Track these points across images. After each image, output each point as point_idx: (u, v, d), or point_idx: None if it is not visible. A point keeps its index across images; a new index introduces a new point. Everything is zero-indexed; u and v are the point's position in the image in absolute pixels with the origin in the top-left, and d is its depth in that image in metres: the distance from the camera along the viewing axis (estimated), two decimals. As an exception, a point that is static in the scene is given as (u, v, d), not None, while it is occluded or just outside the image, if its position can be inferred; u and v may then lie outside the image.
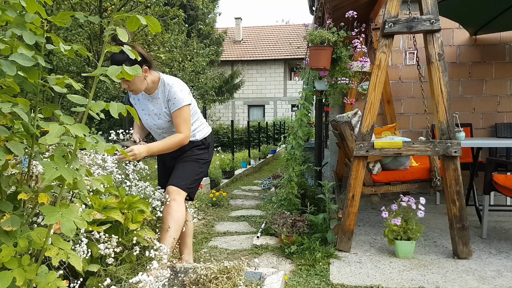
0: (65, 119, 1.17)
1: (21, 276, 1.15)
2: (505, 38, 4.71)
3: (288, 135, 3.74)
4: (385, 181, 3.00)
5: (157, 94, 2.26)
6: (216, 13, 16.33)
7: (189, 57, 9.97)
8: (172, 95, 2.20)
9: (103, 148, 1.20)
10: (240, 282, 1.81)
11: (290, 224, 2.96)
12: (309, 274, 2.47)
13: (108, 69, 1.19)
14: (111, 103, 1.24)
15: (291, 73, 22.95)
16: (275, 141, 16.46)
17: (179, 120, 2.21)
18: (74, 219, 1.16)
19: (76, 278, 1.57)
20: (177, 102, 2.19)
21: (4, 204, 1.25)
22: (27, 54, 1.12)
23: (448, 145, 2.64)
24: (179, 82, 2.28)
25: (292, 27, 26.12)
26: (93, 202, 1.79)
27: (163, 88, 2.24)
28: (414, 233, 2.65)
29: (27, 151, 1.32)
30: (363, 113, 2.78)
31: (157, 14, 8.11)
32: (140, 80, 2.16)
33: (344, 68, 3.31)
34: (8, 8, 1.15)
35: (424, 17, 2.63)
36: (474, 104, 4.77)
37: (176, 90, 2.21)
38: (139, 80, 2.15)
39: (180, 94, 2.21)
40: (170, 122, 2.28)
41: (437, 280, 2.31)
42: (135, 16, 1.23)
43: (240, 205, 4.93)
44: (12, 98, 1.24)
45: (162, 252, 1.86)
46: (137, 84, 2.16)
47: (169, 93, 2.21)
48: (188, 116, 2.23)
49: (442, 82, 2.63)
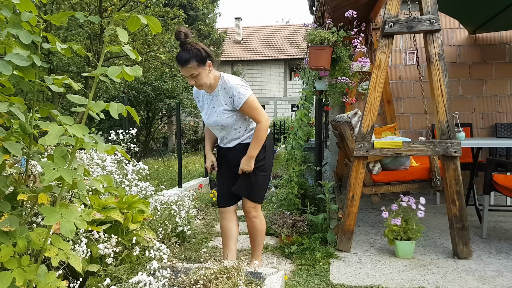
0: (64, 119, 1.16)
1: (20, 276, 1.15)
2: (505, 38, 4.71)
3: (288, 135, 3.74)
4: (385, 181, 2.99)
5: (217, 92, 2.28)
6: (216, 13, 16.33)
7: (189, 57, 9.96)
8: (235, 91, 2.21)
9: (102, 149, 1.19)
10: (240, 282, 1.81)
11: (290, 224, 2.96)
12: (309, 274, 2.47)
13: (108, 69, 1.19)
14: (111, 103, 1.24)
15: (291, 73, 22.94)
16: (275, 141, 16.45)
17: (251, 111, 2.25)
18: (73, 219, 1.16)
19: (76, 278, 1.57)
20: (242, 95, 2.21)
21: (2, 204, 1.25)
22: (22, 53, 1.12)
23: (448, 145, 2.63)
24: (237, 79, 2.30)
25: (292, 27, 26.11)
26: (92, 202, 1.79)
27: (224, 85, 2.26)
28: (414, 233, 2.65)
29: (25, 151, 1.31)
30: (363, 113, 2.78)
31: (157, 14, 8.11)
32: (206, 75, 2.20)
33: (344, 68, 3.31)
34: (2, 7, 1.14)
35: (424, 17, 2.63)
36: (474, 104, 4.77)
37: (236, 86, 2.22)
38: (205, 74, 2.19)
39: (242, 88, 2.22)
40: (229, 119, 2.28)
41: (437, 280, 2.31)
42: (135, 16, 1.23)
43: (240, 205, 4.93)
44: (8, 97, 1.24)
45: (162, 252, 1.86)
46: (204, 78, 2.20)
47: (231, 89, 2.23)
48: (256, 105, 2.25)
49: (442, 82, 2.63)
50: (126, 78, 1.22)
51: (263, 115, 2.27)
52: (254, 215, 2.40)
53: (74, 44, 1.25)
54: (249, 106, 2.24)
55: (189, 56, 2.11)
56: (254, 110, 2.25)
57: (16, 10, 1.23)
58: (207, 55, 2.18)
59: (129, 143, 3.03)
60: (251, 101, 2.23)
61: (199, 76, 2.18)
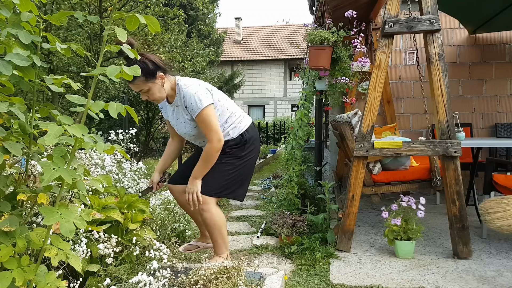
0: (64, 119, 1.16)
1: (20, 277, 1.14)
2: (505, 38, 4.71)
3: (288, 135, 3.74)
4: (385, 181, 2.99)
5: (177, 102, 2.14)
6: (216, 13, 16.33)
7: (189, 57, 9.97)
8: (188, 101, 2.05)
9: (102, 149, 1.19)
10: (240, 282, 1.81)
11: (290, 224, 2.96)
12: (309, 274, 2.47)
13: (107, 69, 1.19)
14: (110, 103, 1.24)
15: (291, 73, 22.95)
16: (275, 141, 16.45)
17: (202, 126, 2.06)
18: (73, 219, 1.16)
19: (75, 278, 1.57)
20: (194, 107, 2.03)
21: (2, 204, 1.25)
22: (22, 53, 1.12)
23: (448, 145, 2.63)
24: (193, 84, 2.09)
25: (292, 27, 26.12)
26: (92, 201, 1.79)
27: (179, 93, 2.11)
28: (414, 233, 2.65)
29: (24, 151, 1.31)
30: (363, 113, 2.78)
31: (157, 14, 8.11)
32: (158, 89, 2.05)
33: (344, 68, 3.31)
34: (2, 7, 1.14)
35: (424, 17, 2.63)
36: (474, 104, 4.77)
37: (190, 94, 2.04)
38: (157, 89, 2.04)
39: (195, 97, 2.02)
40: (197, 128, 2.15)
41: (437, 280, 2.31)
42: (134, 15, 1.23)
43: (240, 205, 4.93)
44: (8, 97, 1.24)
45: (162, 252, 1.86)
46: (156, 93, 2.05)
47: (184, 99, 2.07)
48: (210, 119, 2.04)
49: (442, 82, 2.63)
50: (125, 77, 1.22)
51: (216, 134, 2.05)
52: (202, 207, 2.17)
53: (74, 44, 1.25)
54: (202, 120, 2.04)
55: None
56: (207, 126, 2.04)
57: (16, 10, 1.23)
58: (156, 68, 2.01)
59: (128, 143, 3.03)
60: (205, 114, 2.02)
61: (150, 91, 2.03)
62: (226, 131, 2.20)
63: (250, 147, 2.26)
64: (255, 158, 2.33)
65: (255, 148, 2.31)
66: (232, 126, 2.22)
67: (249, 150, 2.26)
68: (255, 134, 2.33)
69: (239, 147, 2.22)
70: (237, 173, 2.22)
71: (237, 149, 2.22)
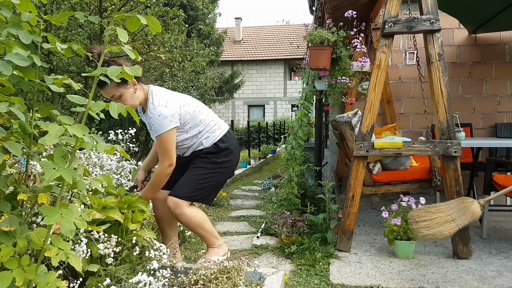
0: (64, 119, 1.17)
1: (20, 276, 1.15)
2: (505, 38, 4.71)
3: (288, 135, 3.74)
4: (385, 181, 2.99)
5: (148, 113, 2.12)
6: (216, 13, 16.32)
7: (189, 57, 9.97)
8: (152, 121, 2.05)
9: (102, 148, 1.19)
10: (240, 282, 1.81)
11: (290, 224, 2.96)
12: (309, 274, 2.47)
13: (108, 69, 1.19)
14: (111, 103, 1.24)
15: (291, 73, 22.94)
16: (275, 141, 16.46)
17: (158, 147, 2.07)
18: (73, 219, 1.16)
19: (76, 278, 1.57)
20: (155, 128, 2.04)
21: (2, 204, 1.25)
22: (22, 53, 1.12)
23: (448, 145, 2.63)
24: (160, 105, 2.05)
25: (292, 27, 26.11)
26: (92, 201, 1.79)
27: (149, 106, 2.09)
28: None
29: (25, 150, 1.31)
30: (363, 113, 2.78)
31: (157, 14, 8.11)
32: (131, 95, 2.06)
33: (344, 68, 3.31)
34: (2, 7, 1.14)
35: (424, 17, 2.63)
36: (474, 104, 4.77)
37: (155, 115, 2.03)
38: (129, 95, 2.05)
39: (158, 120, 2.02)
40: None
41: (437, 280, 2.31)
42: (135, 16, 1.23)
43: (240, 205, 4.93)
44: (8, 97, 1.24)
45: (162, 252, 1.86)
46: (128, 99, 2.05)
47: (151, 115, 2.05)
48: (167, 145, 2.05)
49: (442, 82, 2.63)
50: (126, 78, 1.22)
51: (168, 160, 2.05)
52: (176, 213, 2.18)
53: (74, 44, 1.25)
54: (159, 143, 2.06)
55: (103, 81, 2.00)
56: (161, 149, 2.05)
57: (16, 10, 1.23)
58: None
59: (128, 143, 3.03)
60: (163, 139, 2.03)
61: (122, 97, 2.03)
62: (199, 141, 2.21)
63: (227, 155, 2.25)
64: (231, 168, 2.32)
65: (232, 160, 2.30)
66: (205, 136, 2.22)
67: (226, 159, 2.25)
68: (233, 143, 2.30)
69: (214, 154, 2.22)
70: (211, 178, 2.21)
71: (212, 156, 2.22)
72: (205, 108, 2.31)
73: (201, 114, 2.23)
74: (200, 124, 2.21)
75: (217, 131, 2.26)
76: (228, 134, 2.30)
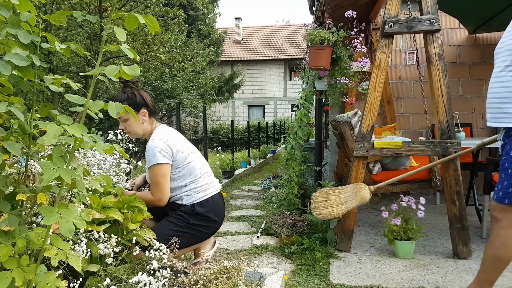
0: (63, 119, 1.16)
1: (20, 276, 1.14)
2: (505, 38, 4.70)
3: (288, 135, 3.74)
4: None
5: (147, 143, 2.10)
6: (216, 13, 16.32)
7: (189, 57, 9.98)
8: (147, 152, 2.02)
9: (101, 148, 1.19)
10: (240, 282, 1.81)
11: (290, 224, 2.96)
12: (309, 274, 2.47)
13: (106, 69, 1.19)
14: (110, 102, 1.24)
15: (291, 73, 22.94)
16: (275, 141, 16.46)
17: (150, 180, 2.04)
18: (73, 219, 1.16)
19: (75, 278, 1.56)
20: (148, 158, 2.01)
21: (1, 204, 1.24)
22: (21, 53, 1.12)
23: (448, 145, 2.63)
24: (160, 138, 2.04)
25: (292, 27, 26.12)
26: (92, 201, 1.79)
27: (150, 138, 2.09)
28: (414, 233, 2.65)
29: (24, 150, 1.31)
30: (363, 113, 2.78)
31: (157, 14, 8.11)
32: (137, 124, 2.09)
33: (344, 68, 3.30)
34: (1, 7, 1.14)
35: (424, 17, 2.63)
36: (474, 104, 4.77)
37: (150, 146, 2.02)
38: (136, 123, 2.08)
39: (152, 151, 2.00)
40: None
41: (437, 280, 2.30)
42: (133, 15, 1.23)
43: (240, 205, 4.93)
44: (7, 97, 1.23)
45: (162, 252, 1.85)
46: (133, 126, 2.09)
47: (147, 147, 2.03)
48: (158, 178, 2.00)
49: (442, 82, 2.63)
50: (124, 77, 1.22)
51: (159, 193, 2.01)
52: None
53: (73, 44, 1.25)
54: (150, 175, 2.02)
55: (121, 98, 2.05)
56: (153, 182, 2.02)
57: (15, 10, 1.23)
58: (143, 103, 2.09)
59: (128, 143, 3.02)
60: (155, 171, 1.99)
61: (128, 122, 2.08)
62: (180, 195, 2.14)
63: (202, 221, 2.12)
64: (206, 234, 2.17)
65: (209, 226, 2.16)
66: (187, 193, 2.13)
67: (200, 223, 2.12)
68: (213, 210, 2.15)
69: (189, 215, 2.11)
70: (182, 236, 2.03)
71: (187, 215, 2.11)
72: (204, 166, 2.22)
73: (195, 170, 2.14)
74: (188, 178, 2.12)
75: (201, 193, 2.14)
76: (211, 200, 2.16)
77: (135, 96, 2.09)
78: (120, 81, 2.10)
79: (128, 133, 2.14)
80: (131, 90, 2.11)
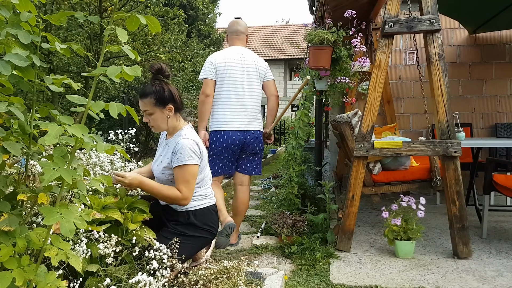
0: (64, 119, 1.16)
1: (20, 276, 1.14)
2: (505, 38, 4.71)
3: (288, 135, 3.74)
4: (385, 181, 2.99)
5: (170, 142, 2.10)
6: (216, 13, 16.33)
7: (189, 57, 9.97)
8: (179, 149, 1.99)
9: (102, 148, 1.19)
10: (240, 282, 1.81)
11: (290, 224, 2.96)
12: (309, 274, 2.47)
13: (107, 69, 1.19)
14: (111, 103, 1.24)
15: (291, 73, 22.95)
16: (275, 141, 16.45)
17: (179, 177, 1.99)
18: (73, 219, 1.16)
19: (75, 278, 1.56)
20: (181, 158, 1.97)
21: (2, 204, 1.25)
22: (22, 53, 1.12)
23: (448, 145, 2.63)
24: (193, 139, 2.04)
25: (292, 27, 26.11)
26: (92, 201, 1.79)
27: (177, 138, 2.06)
28: (414, 233, 2.65)
29: (24, 150, 1.31)
30: (363, 113, 2.78)
31: (157, 14, 8.11)
32: (162, 118, 2.05)
33: (344, 68, 3.30)
34: (1, 7, 1.14)
35: (424, 17, 2.63)
36: (474, 104, 4.77)
37: (184, 145, 1.98)
38: (161, 117, 2.04)
39: (188, 151, 1.98)
40: (163, 175, 2.08)
41: (437, 280, 2.31)
42: (135, 15, 1.23)
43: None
44: (7, 97, 1.24)
45: (162, 252, 1.85)
46: (158, 120, 2.05)
47: (176, 145, 2.00)
48: (189, 178, 1.99)
49: (442, 82, 2.63)
50: (126, 78, 1.22)
51: (188, 192, 1.98)
52: None
53: (73, 44, 1.25)
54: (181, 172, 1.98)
55: (149, 91, 1.99)
56: (183, 180, 1.98)
57: (15, 10, 1.23)
58: (171, 98, 2.03)
59: (128, 143, 3.03)
60: (187, 170, 1.97)
61: (154, 116, 2.03)
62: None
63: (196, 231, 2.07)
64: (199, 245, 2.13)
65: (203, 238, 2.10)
66: (193, 198, 2.10)
67: (195, 234, 2.06)
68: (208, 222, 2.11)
69: (184, 225, 2.06)
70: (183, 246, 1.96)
71: (181, 227, 2.05)
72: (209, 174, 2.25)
73: (205, 178, 2.17)
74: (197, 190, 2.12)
75: (199, 202, 2.13)
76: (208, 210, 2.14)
77: (163, 90, 2.02)
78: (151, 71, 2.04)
79: (151, 127, 2.10)
80: (160, 83, 2.03)
